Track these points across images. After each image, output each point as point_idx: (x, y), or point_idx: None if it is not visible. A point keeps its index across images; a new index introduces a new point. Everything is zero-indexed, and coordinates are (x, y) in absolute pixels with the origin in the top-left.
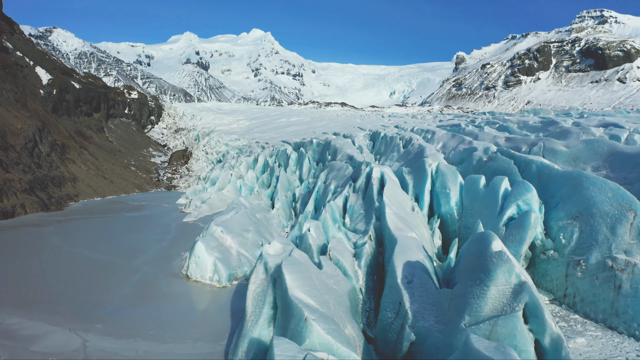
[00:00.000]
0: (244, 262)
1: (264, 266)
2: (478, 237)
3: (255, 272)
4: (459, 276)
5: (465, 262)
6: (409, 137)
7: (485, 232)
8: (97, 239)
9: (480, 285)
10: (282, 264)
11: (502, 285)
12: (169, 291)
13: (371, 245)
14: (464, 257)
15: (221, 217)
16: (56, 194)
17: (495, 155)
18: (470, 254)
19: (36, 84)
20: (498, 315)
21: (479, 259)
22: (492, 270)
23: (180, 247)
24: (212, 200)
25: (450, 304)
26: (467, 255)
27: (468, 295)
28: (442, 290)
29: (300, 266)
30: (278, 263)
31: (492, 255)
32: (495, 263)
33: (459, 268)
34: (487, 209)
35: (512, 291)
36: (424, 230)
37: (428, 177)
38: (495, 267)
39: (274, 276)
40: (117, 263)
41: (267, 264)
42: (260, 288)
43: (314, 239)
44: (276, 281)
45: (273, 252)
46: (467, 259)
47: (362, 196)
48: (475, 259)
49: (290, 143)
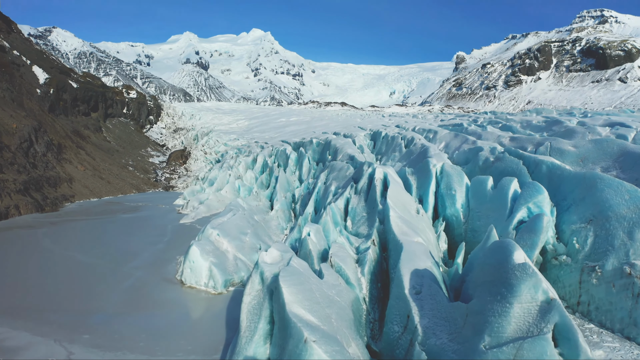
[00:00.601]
0: (241, 267)
1: (259, 276)
2: (496, 246)
3: (251, 283)
4: (474, 289)
5: (482, 273)
6: (411, 136)
7: (504, 241)
8: (90, 242)
9: (502, 301)
10: (279, 275)
11: (527, 303)
12: (161, 298)
13: (375, 250)
14: (479, 267)
15: (217, 220)
16: (51, 195)
17: (502, 156)
18: (488, 265)
19: (33, 83)
20: (523, 337)
21: (499, 271)
22: (516, 285)
23: (175, 251)
24: (209, 201)
25: (466, 320)
26: (484, 266)
27: (487, 313)
28: (456, 304)
29: (300, 277)
30: (275, 273)
31: (515, 267)
32: (518, 277)
33: (473, 279)
34: (496, 212)
35: (538, 309)
36: (430, 234)
37: (432, 178)
38: (519, 281)
39: (271, 288)
40: (110, 267)
41: (263, 274)
42: (255, 300)
43: (314, 244)
44: (273, 293)
45: (270, 260)
46: (483, 269)
47: (364, 198)
48: (494, 271)
49: (289, 143)
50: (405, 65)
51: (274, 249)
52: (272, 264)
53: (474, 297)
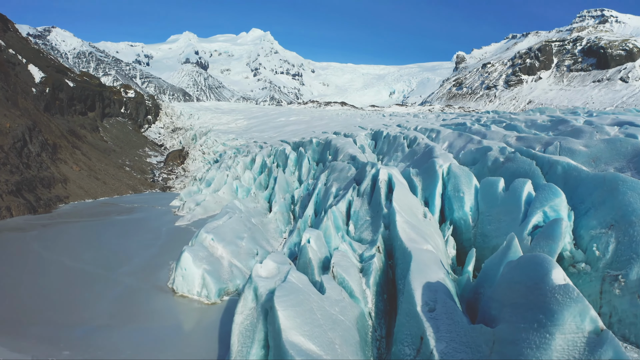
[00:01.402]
0: (237, 274)
1: (253, 292)
2: (528, 262)
3: (243, 300)
4: (499, 309)
5: (510, 292)
6: (414, 136)
7: (538, 256)
8: (80, 246)
9: (540, 330)
10: (274, 295)
11: (572, 334)
12: (150, 309)
13: (380, 258)
14: (505, 284)
15: (212, 223)
16: (45, 196)
17: (513, 156)
18: (518, 283)
19: (28, 82)
20: None
21: (534, 293)
22: (557, 312)
23: (169, 255)
24: (206, 202)
25: (493, 349)
26: (512, 284)
27: (521, 343)
28: (479, 328)
29: (298, 295)
30: (271, 289)
31: (555, 290)
32: (560, 302)
33: (497, 297)
34: (508, 216)
35: (586, 342)
36: (439, 240)
37: (439, 179)
38: (562, 307)
39: (266, 307)
40: (98, 274)
41: (257, 290)
42: (248, 320)
43: (315, 251)
44: (268, 313)
45: (265, 273)
46: (511, 288)
47: (367, 201)
48: (526, 292)
49: (289, 142)
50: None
51: (270, 261)
52: (267, 277)
53: (501, 320)
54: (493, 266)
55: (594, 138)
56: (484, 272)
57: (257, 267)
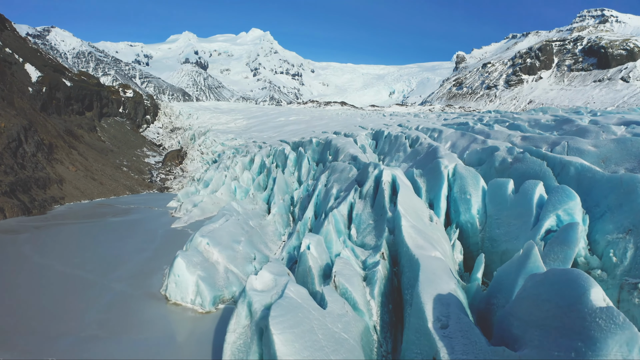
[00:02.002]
0: (233, 280)
1: (247, 308)
2: (560, 278)
3: (236, 317)
4: (523, 329)
5: (536, 310)
6: (416, 135)
7: (571, 271)
8: (73, 249)
9: None
10: (270, 315)
11: None
12: (141, 318)
13: (385, 266)
14: (530, 300)
15: (208, 227)
16: (40, 197)
17: (522, 156)
18: (546, 301)
19: (25, 81)
20: None
21: (568, 315)
22: (600, 339)
23: (163, 259)
24: (204, 203)
25: None
26: (539, 302)
27: None
28: (501, 351)
29: (297, 313)
30: (267, 304)
31: (595, 313)
32: (603, 328)
33: (520, 315)
34: (518, 219)
35: None
36: (446, 246)
37: (444, 180)
38: (605, 335)
39: (261, 326)
40: (89, 279)
41: (251, 305)
42: (241, 340)
43: (315, 258)
44: (263, 334)
45: (261, 286)
46: (538, 306)
47: (370, 203)
48: (559, 313)
49: (288, 142)
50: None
51: (266, 272)
52: (262, 291)
53: (527, 343)
54: (508, 276)
55: (600, 138)
56: (497, 282)
57: (252, 279)
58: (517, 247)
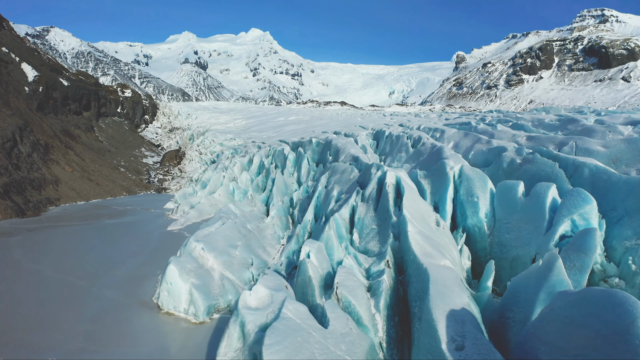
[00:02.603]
0: (229, 288)
1: (240, 329)
2: (601, 301)
3: (227, 338)
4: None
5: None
6: (418, 135)
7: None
8: (65, 253)
9: None
10: (264, 344)
11: None
12: (131, 329)
13: (390, 275)
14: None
15: (203, 230)
16: (34, 198)
17: (532, 157)
18: (583, 327)
19: (21, 80)
20: None
21: (614, 346)
22: None
23: (157, 264)
24: (201, 205)
25: None
26: (574, 327)
27: None
28: None
29: (295, 338)
30: (262, 325)
31: None
32: None
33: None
34: (530, 224)
35: None
36: (454, 253)
37: (450, 182)
38: None
39: (254, 351)
40: (79, 286)
41: (244, 326)
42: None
43: (315, 267)
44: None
45: (255, 303)
46: (573, 332)
47: (373, 207)
48: (601, 342)
49: (288, 142)
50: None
51: (262, 286)
52: (257, 309)
53: None
54: (526, 289)
55: (607, 138)
56: (513, 293)
57: (246, 295)
58: (528, 253)
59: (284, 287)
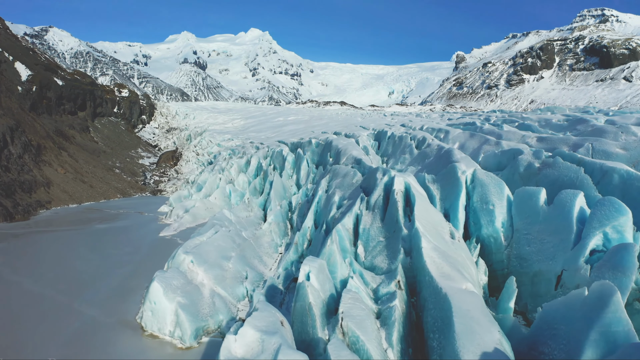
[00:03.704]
0: (220, 307)
1: None
2: None
3: None
4: None
5: None
6: (422, 136)
7: None
8: (48, 262)
9: None
10: None
11: None
12: (110, 354)
13: (402, 298)
14: None
15: (194, 240)
16: (24, 201)
17: (553, 161)
18: None
19: (14, 80)
20: None
21: None
22: None
23: (145, 276)
24: (196, 209)
25: None
26: None
27: None
28: None
29: None
30: None
31: None
32: None
33: None
34: (554, 236)
35: None
36: (472, 270)
37: (462, 188)
38: None
39: None
40: (59, 302)
41: None
42: None
43: (316, 292)
44: None
45: (242, 352)
46: None
47: (379, 216)
48: None
49: (286, 143)
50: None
51: (250, 329)
52: None
53: None
54: (569, 322)
55: (620, 139)
56: (547, 324)
57: (230, 341)
58: (553, 268)
59: (278, 326)
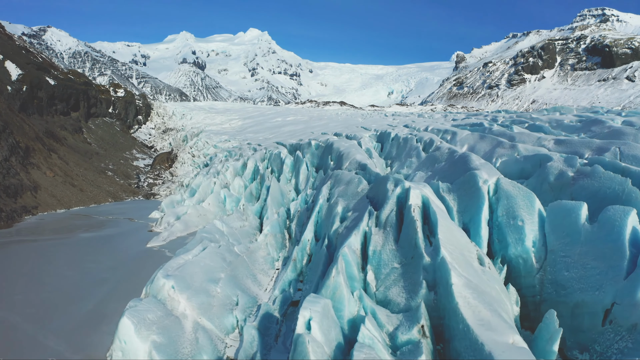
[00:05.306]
0: (204, 343)
1: None
2: None
3: None
4: None
5: None
6: (429, 138)
7: None
8: (20, 280)
9: None
10: None
11: None
12: None
13: (428, 349)
14: None
15: (178, 259)
16: (8, 207)
17: (592, 170)
18: None
19: (3, 79)
20: None
21: None
22: None
23: (124, 298)
24: (188, 216)
25: None
26: None
27: None
28: None
29: None
30: None
31: None
32: None
33: None
34: (600, 261)
35: None
36: (508, 307)
37: (485, 200)
38: None
39: None
40: (21, 331)
41: None
42: None
43: (319, 346)
44: None
45: None
46: None
47: (393, 236)
48: None
49: (285, 145)
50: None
51: None
52: None
53: None
54: None
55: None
56: None
57: None
58: (600, 300)
59: None
